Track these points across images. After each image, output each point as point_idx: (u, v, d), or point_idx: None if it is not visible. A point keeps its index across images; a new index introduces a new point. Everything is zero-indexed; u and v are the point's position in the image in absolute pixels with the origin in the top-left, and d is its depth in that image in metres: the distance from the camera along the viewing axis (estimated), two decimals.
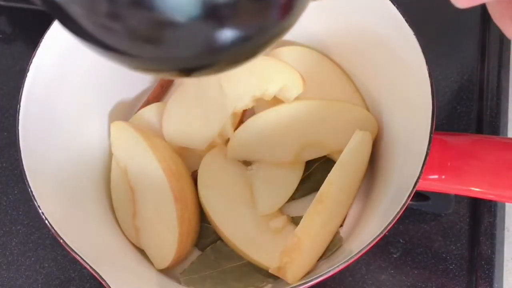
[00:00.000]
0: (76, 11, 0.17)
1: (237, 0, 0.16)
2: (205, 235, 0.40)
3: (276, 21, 0.18)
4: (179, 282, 0.37)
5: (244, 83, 0.39)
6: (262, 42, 0.19)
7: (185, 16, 0.16)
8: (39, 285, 0.42)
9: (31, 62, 0.35)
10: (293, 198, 0.40)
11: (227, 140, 0.40)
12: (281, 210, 0.39)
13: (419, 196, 0.38)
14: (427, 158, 0.30)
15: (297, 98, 0.40)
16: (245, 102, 0.39)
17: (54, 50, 0.36)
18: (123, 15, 0.16)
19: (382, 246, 0.41)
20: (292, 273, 0.35)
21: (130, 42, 0.17)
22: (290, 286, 0.30)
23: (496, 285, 0.40)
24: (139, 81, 0.44)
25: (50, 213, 0.31)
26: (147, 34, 0.17)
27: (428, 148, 0.31)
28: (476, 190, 0.34)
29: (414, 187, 0.30)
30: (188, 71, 0.20)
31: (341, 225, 0.38)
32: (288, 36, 0.20)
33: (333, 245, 0.37)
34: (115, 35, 0.17)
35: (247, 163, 0.41)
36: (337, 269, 0.29)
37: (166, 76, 0.21)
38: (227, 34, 0.17)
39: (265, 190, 0.39)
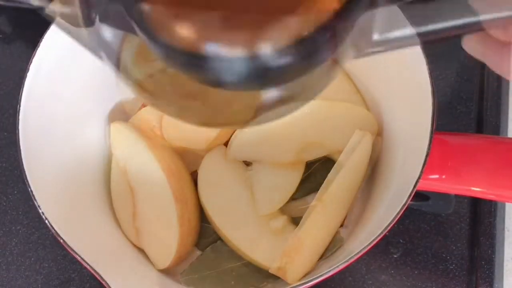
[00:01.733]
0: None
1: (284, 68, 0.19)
2: (205, 235, 0.40)
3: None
4: (179, 282, 0.37)
5: None
6: (295, 106, 0.22)
7: (239, 82, 0.19)
8: (39, 285, 0.42)
9: (31, 62, 0.35)
10: (293, 198, 0.40)
11: (227, 140, 0.40)
12: (281, 210, 0.39)
13: (419, 196, 0.38)
14: (428, 158, 0.30)
15: None
16: None
17: (54, 50, 0.36)
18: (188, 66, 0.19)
19: (382, 246, 0.41)
20: (292, 273, 0.35)
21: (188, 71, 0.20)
22: (290, 286, 0.30)
23: (496, 285, 0.40)
24: None
25: (50, 213, 0.31)
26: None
27: (428, 148, 0.31)
28: (476, 190, 0.34)
29: (414, 187, 0.30)
30: None
31: (341, 225, 0.38)
32: None
33: (333, 245, 0.37)
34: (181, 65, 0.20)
35: (247, 163, 0.41)
36: (337, 269, 0.29)
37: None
38: (271, 94, 0.21)
39: (265, 190, 0.39)
